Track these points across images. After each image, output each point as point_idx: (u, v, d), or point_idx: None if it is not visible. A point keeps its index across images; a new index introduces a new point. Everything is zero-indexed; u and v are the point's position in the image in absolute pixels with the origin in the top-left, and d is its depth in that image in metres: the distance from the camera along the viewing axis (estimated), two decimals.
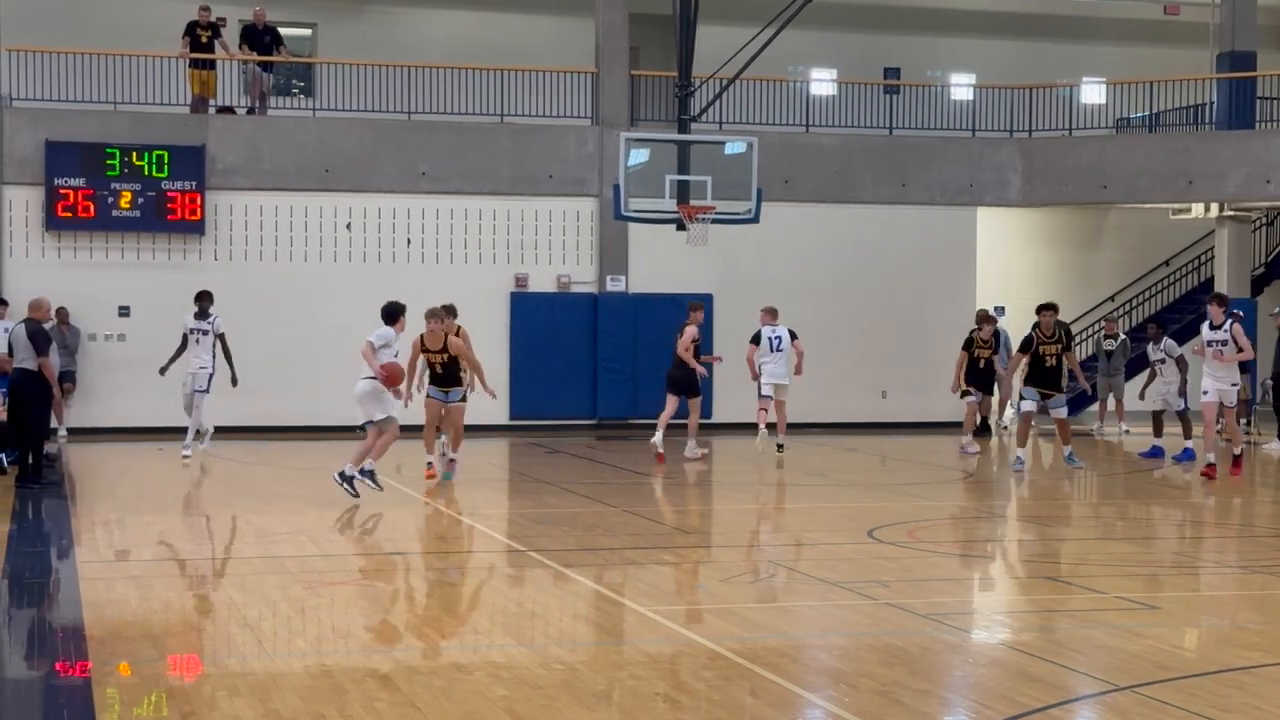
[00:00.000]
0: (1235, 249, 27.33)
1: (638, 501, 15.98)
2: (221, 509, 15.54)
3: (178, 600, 11.06)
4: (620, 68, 25.91)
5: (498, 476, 20.10)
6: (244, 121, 24.95)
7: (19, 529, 14.17)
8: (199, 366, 19.58)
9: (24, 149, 23.60)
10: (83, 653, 8.78)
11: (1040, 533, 14.91)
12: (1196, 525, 15.81)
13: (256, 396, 23.74)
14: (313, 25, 28.24)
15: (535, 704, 7.74)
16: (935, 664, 8.89)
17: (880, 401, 26.17)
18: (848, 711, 7.64)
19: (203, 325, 19.64)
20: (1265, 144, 26.47)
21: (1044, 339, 19.39)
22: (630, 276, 25.63)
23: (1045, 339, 19.39)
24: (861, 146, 26.81)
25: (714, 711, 7.72)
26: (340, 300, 24.46)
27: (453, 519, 15.42)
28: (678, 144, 21.11)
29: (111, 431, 23.10)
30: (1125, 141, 27.98)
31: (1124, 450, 22.96)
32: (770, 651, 9.03)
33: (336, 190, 24.71)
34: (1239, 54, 26.94)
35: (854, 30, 29.81)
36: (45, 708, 8.09)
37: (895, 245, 26.66)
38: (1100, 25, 31.49)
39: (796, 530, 15.27)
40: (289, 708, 7.62)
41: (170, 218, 23.80)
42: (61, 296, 22.44)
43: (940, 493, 17.56)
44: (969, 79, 29.44)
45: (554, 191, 25.47)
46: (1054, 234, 30.54)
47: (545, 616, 10.53)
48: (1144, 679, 8.24)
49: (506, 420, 24.94)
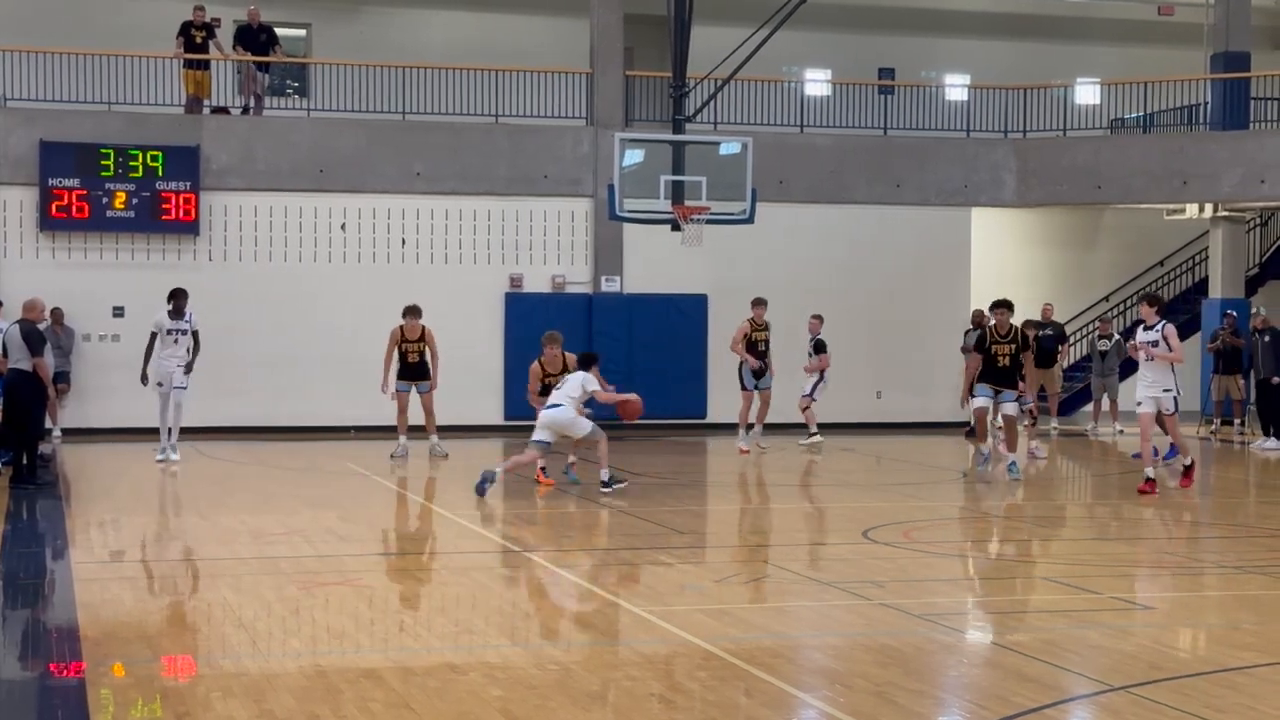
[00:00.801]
0: (1229, 249, 27.36)
1: (632, 502, 15.98)
2: (216, 510, 15.52)
3: (172, 601, 11.06)
4: (615, 68, 25.90)
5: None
6: (238, 122, 24.93)
7: (13, 530, 14.15)
8: (176, 365, 19.35)
9: (18, 149, 23.57)
10: (77, 654, 8.78)
11: (1035, 533, 14.92)
12: (1191, 526, 15.82)
13: (251, 397, 23.78)
14: (307, 25, 28.24)
15: (530, 704, 7.74)
16: (930, 664, 8.90)
17: (875, 402, 26.17)
18: (842, 712, 7.64)
19: (180, 325, 19.47)
20: (1259, 144, 26.49)
21: (997, 338, 18.39)
22: (625, 277, 25.62)
23: (999, 338, 18.38)
24: (856, 147, 26.82)
25: (709, 712, 7.72)
26: (335, 301, 24.46)
27: (447, 519, 15.41)
28: (672, 144, 21.09)
29: (106, 432, 23.06)
30: (1120, 142, 28.01)
31: (1119, 450, 22.98)
32: (765, 652, 9.03)
33: (331, 191, 24.69)
34: (1233, 54, 26.96)
35: (848, 31, 29.83)
36: (40, 709, 8.09)
37: (890, 246, 26.66)
38: (1095, 26, 31.53)
39: (791, 530, 15.28)
40: (283, 708, 7.62)
41: (164, 218, 23.77)
42: (56, 297, 22.41)
43: (936, 493, 17.57)
44: (963, 79, 29.45)
45: (549, 192, 25.46)
46: (1049, 234, 30.56)
47: (540, 617, 10.53)
48: (1138, 679, 8.25)
49: (501, 420, 24.93)
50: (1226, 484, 19.74)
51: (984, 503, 16.82)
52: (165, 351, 19.40)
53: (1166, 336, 16.86)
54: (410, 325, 20.18)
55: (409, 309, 20.27)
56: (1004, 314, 18.46)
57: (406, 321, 20.24)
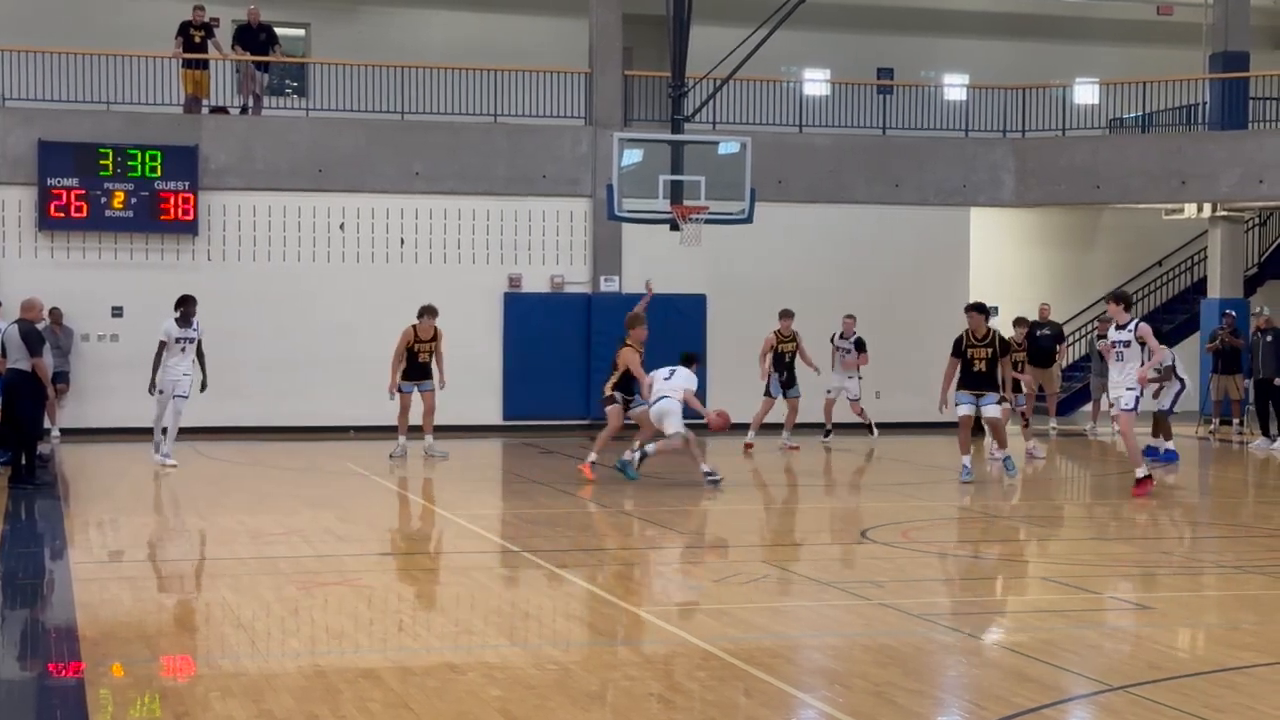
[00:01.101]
0: (1228, 249, 27.37)
1: (631, 502, 15.98)
2: (215, 510, 15.52)
3: (171, 601, 11.05)
4: (614, 68, 25.90)
5: (491, 477, 20.11)
6: (237, 121, 24.93)
7: (12, 530, 14.15)
8: (182, 374, 18.70)
9: (17, 149, 23.57)
10: (76, 654, 8.77)
11: (1034, 533, 14.92)
12: (1190, 525, 15.82)
13: (250, 397, 23.77)
14: (306, 25, 28.25)
15: (529, 704, 7.74)
16: (929, 664, 8.90)
17: (874, 401, 26.16)
18: (842, 712, 7.64)
19: (188, 333, 18.78)
20: (1258, 144, 26.50)
21: (973, 342, 17.80)
22: (624, 277, 25.61)
23: (974, 342, 17.79)
24: (855, 147, 26.82)
25: (708, 712, 7.72)
26: (334, 301, 24.46)
27: (446, 519, 15.41)
28: (671, 144, 21.10)
29: (105, 432, 23.06)
30: (1118, 142, 28.01)
31: (1117, 450, 22.95)
32: (764, 652, 9.03)
33: (330, 190, 24.69)
34: (1232, 54, 26.97)
35: (847, 30, 29.84)
36: (39, 709, 8.08)
37: (889, 245, 26.66)
38: (1094, 26, 31.53)
39: (790, 530, 15.28)
40: (282, 708, 7.62)
41: (163, 218, 23.77)
42: (54, 297, 22.41)
43: (934, 493, 17.56)
44: (962, 79, 29.46)
45: (548, 192, 25.46)
46: (1047, 234, 30.56)
47: (539, 617, 10.53)
48: (1137, 679, 8.25)
49: (500, 420, 24.94)
50: (1225, 484, 19.75)
51: (983, 503, 16.81)
52: (172, 360, 18.68)
53: (1143, 336, 16.24)
54: (425, 325, 20.16)
55: (427, 309, 20.22)
56: (976, 317, 17.83)
57: (422, 321, 20.20)
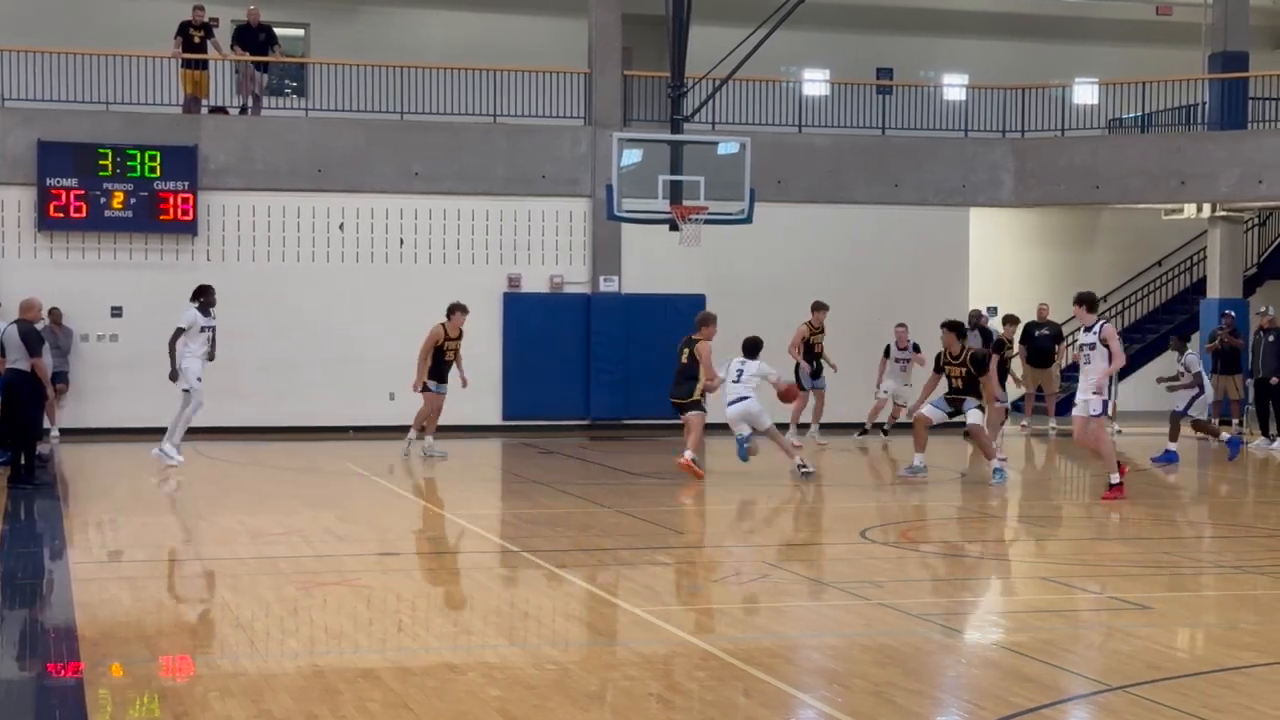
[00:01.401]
0: (1227, 249, 27.37)
1: (631, 502, 15.98)
2: (214, 510, 15.52)
3: (170, 601, 11.05)
4: (613, 68, 25.90)
5: (491, 477, 20.11)
6: (236, 122, 24.93)
7: (11, 530, 14.15)
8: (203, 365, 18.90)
9: (16, 149, 23.57)
10: (75, 654, 8.78)
11: (1033, 533, 14.93)
12: (1189, 525, 15.83)
13: (249, 397, 23.76)
14: (305, 25, 28.25)
15: (528, 704, 7.74)
16: (928, 664, 8.90)
17: (873, 402, 26.15)
18: (841, 712, 7.64)
19: (210, 321, 18.95)
20: (1257, 144, 26.50)
21: (948, 360, 17.65)
22: (623, 277, 25.61)
23: (950, 359, 17.63)
24: (854, 147, 26.82)
25: (707, 712, 7.72)
26: (333, 301, 24.46)
27: (446, 519, 15.41)
28: (671, 144, 21.11)
29: (104, 432, 23.07)
30: (1118, 142, 28.01)
31: (1116, 450, 22.92)
32: (763, 652, 9.03)
33: (329, 190, 24.69)
34: (1231, 54, 26.98)
35: (847, 30, 29.84)
36: (38, 709, 8.08)
37: (888, 246, 26.66)
38: (1093, 26, 31.54)
39: (790, 530, 15.28)
40: (281, 708, 7.62)
41: (162, 218, 23.77)
42: (54, 297, 22.42)
43: (933, 493, 17.56)
44: (962, 79, 29.46)
45: (547, 192, 25.46)
46: (1046, 234, 30.56)
47: (538, 617, 10.53)
48: (1137, 679, 8.25)
49: (499, 420, 24.94)
50: (1225, 484, 19.74)
51: (982, 503, 16.82)
52: (192, 348, 18.76)
53: (1106, 339, 15.93)
54: (455, 322, 19.96)
55: (458, 306, 20.06)
56: (948, 336, 17.68)
57: (453, 319, 20.00)
